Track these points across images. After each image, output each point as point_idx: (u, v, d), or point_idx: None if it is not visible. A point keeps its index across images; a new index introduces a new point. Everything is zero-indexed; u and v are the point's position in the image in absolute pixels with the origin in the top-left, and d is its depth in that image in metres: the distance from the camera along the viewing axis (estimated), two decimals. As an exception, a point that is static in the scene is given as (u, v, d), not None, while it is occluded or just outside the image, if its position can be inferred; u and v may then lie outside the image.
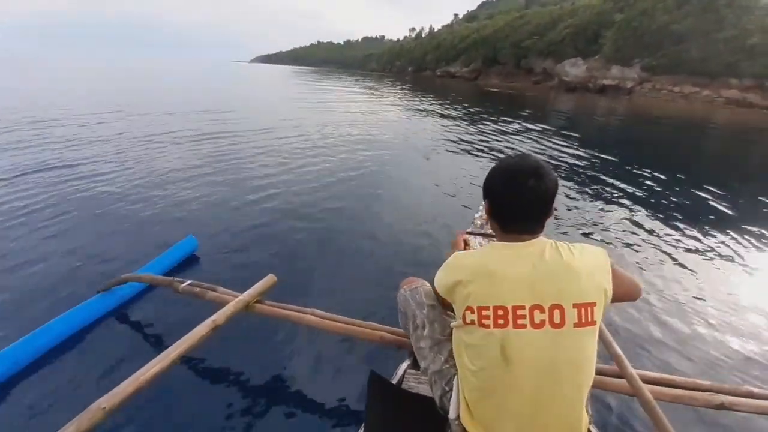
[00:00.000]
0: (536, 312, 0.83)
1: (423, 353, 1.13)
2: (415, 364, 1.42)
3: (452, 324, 0.97)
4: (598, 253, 0.91)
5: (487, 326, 0.85)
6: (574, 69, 44.47)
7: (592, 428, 1.07)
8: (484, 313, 0.86)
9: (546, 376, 0.83)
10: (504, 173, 0.95)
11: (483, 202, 1.03)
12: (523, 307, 0.84)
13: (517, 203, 0.92)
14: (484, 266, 0.90)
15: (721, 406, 1.30)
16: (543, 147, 7.92)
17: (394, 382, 1.34)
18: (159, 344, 1.86)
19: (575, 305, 0.83)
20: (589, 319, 0.84)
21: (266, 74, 47.13)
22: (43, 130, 6.57)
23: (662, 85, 35.80)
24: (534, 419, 0.86)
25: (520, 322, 0.83)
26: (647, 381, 1.34)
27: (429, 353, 1.10)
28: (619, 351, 1.33)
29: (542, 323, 0.83)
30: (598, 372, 1.39)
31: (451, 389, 1.00)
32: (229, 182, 4.36)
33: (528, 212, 0.92)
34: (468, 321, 0.88)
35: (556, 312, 0.83)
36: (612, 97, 34.76)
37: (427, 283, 1.28)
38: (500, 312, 0.84)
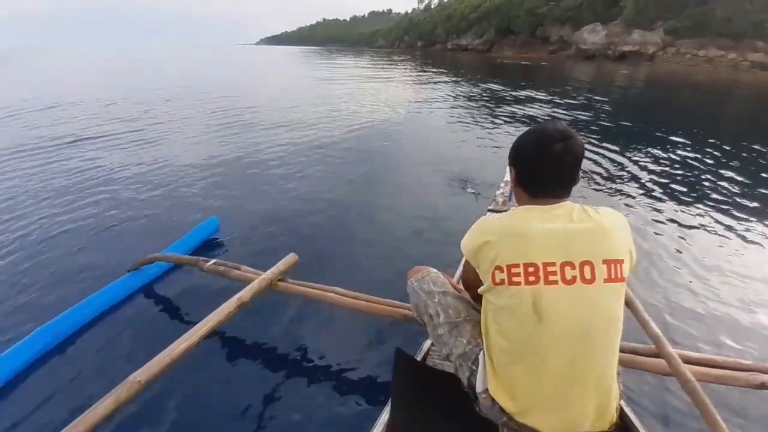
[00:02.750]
0: (567, 268, 0.84)
1: (443, 340, 1.10)
2: None
3: (480, 289, 0.95)
4: (620, 216, 0.93)
5: (517, 283, 0.85)
6: (592, 36, 42.33)
7: (622, 404, 1.05)
8: (514, 270, 0.86)
9: (579, 334, 0.84)
10: (532, 139, 0.95)
11: (509, 172, 1.03)
12: (553, 264, 0.84)
13: (546, 168, 0.92)
14: (512, 227, 0.90)
15: (762, 386, 1.26)
16: (558, 117, 7.67)
17: (418, 358, 1.35)
18: (186, 320, 1.94)
19: (604, 261, 0.85)
20: (618, 276, 0.85)
21: (275, 57, 46.62)
22: (66, 116, 6.74)
23: (686, 49, 33.82)
24: (569, 382, 0.85)
25: (551, 278, 0.84)
26: (685, 361, 1.30)
27: (449, 338, 1.08)
28: (656, 330, 1.30)
29: (573, 279, 0.84)
30: (633, 351, 1.38)
31: (478, 369, 0.99)
32: (248, 165, 4.44)
33: (557, 176, 0.93)
34: (497, 281, 0.88)
35: (587, 268, 0.84)
36: (632, 64, 33.09)
37: (433, 270, 1.26)
38: (531, 269, 0.85)
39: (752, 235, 3.03)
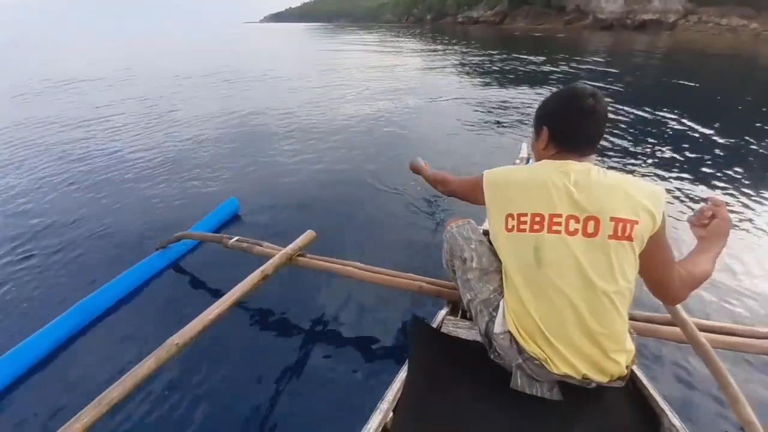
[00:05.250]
0: (571, 221, 0.91)
1: (470, 284, 1.16)
2: (453, 311, 1.48)
3: (491, 236, 1.07)
4: (649, 185, 0.94)
5: (523, 230, 0.94)
6: (610, 4, 40.32)
7: (634, 369, 1.08)
8: (522, 219, 0.95)
9: (578, 283, 0.90)
10: (565, 96, 1.02)
11: (536, 134, 1.09)
12: (560, 216, 0.91)
13: (580, 122, 0.99)
14: (532, 178, 0.97)
15: None
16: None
17: (434, 326, 1.40)
18: (213, 292, 2.04)
19: (612, 218, 0.89)
20: (627, 234, 0.88)
21: (281, 35, 45.78)
22: (82, 99, 6.84)
23: (708, 18, 32.10)
24: (576, 328, 0.91)
25: (554, 228, 0.91)
26: (701, 329, 1.31)
27: (477, 283, 1.14)
28: None
29: (575, 231, 0.90)
30: (649, 320, 1.41)
31: (497, 313, 1.05)
32: (264, 145, 4.50)
33: (587, 131, 0.99)
34: (509, 227, 0.97)
35: (591, 223, 0.90)
36: (652, 34, 31.56)
37: (473, 221, 1.35)
38: (537, 219, 0.93)
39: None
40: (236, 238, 1.95)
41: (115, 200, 3.14)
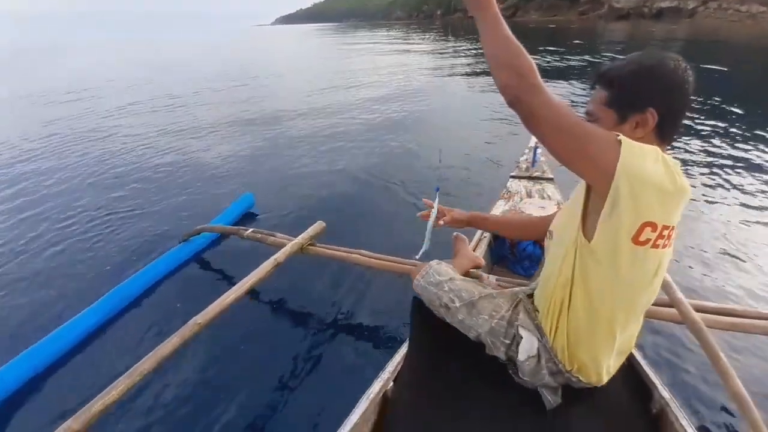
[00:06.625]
0: (674, 232, 0.74)
1: (466, 324, 1.07)
2: None
3: (597, 241, 0.75)
4: None
5: (657, 246, 0.72)
6: (626, -8, 39.24)
7: (634, 350, 1.12)
8: (664, 233, 0.71)
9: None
10: (669, 66, 0.75)
11: (622, 117, 0.77)
12: (673, 228, 0.73)
13: (689, 101, 0.78)
14: (672, 180, 0.68)
15: None
16: (586, 87, 7.36)
17: None
18: (230, 280, 2.18)
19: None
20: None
21: (293, 37, 46.27)
22: (99, 105, 7.15)
23: (728, 4, 30.96)
24: (624, 334, 0.88)
25: (669, 241, 0.74)
26: (704, 310, 1.33)
27: (470, 320, 1.06)
28: (668, 278, 1.28)
29: (668, 244, 0.75)
30: None
31: (513, 341, 0.98)
32: (275, 144, 4.70)
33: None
34: (642, 239, 0.70)
35: (675, 233, 0.75)
36: (671, 22, 30.66)
37: (433, 262, 1.26)
38: (665, 232, 0.72)
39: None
40: (252, 229, 2.07)
41: (137, 197, 3.37)
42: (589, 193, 0.78)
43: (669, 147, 0.81)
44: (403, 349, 1.20)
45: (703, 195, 2.99)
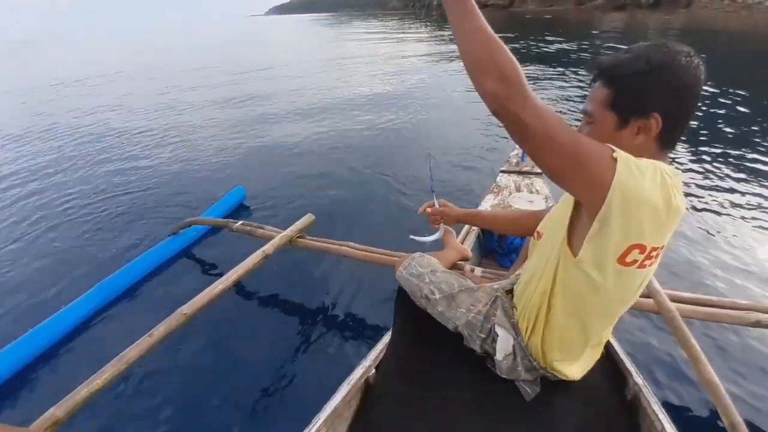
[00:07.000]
0: (661, 252, 0.72)
1: (445, 316, 1.09)
2: None
3: (584, 262, 0.72)
4: None
5: (644, 267, 0.69)
6: (623, -18, 38.93)
7: (611, 338, 1.16)
8: (653, 254, 0.68)
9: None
10: (680, 63, 0.66)
11: (624, 122, 0.70)
12: (661, 248, 0.70)
13: (696, 103, 0.70)
14: (666, 201, 0.62)
15: (757, 324, 1.29)
16: (583, 77, 7.33)
17: None
18: (221, 272, 2.15)
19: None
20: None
21: (288, 28, 45.68)
22: (93, 92, 7.06)
23: (724, -6, 30.88)
24: (600, 336, 0.91)
25: (654, 261, 0.71)
26: (680, 300, 1.34)
27: (449, 312, 1.08)
28: None
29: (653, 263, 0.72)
30: None
31: (489, 336, 1.00)
32: (267, 137, 4.67)
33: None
34: (629, 261, 0.67)
35: (662, 252, 0.73)
36: (667, 11, 30.53)
37: (416, 254, 1.29)
38: (654, 252, 0.68)
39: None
40: (241, 222, 2.08)
41: (127, 190, 3.37)
42: (578, 207, 0.74)
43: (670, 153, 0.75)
44: (386, 338, 1.23)
45: (691, 179, 3.03)
